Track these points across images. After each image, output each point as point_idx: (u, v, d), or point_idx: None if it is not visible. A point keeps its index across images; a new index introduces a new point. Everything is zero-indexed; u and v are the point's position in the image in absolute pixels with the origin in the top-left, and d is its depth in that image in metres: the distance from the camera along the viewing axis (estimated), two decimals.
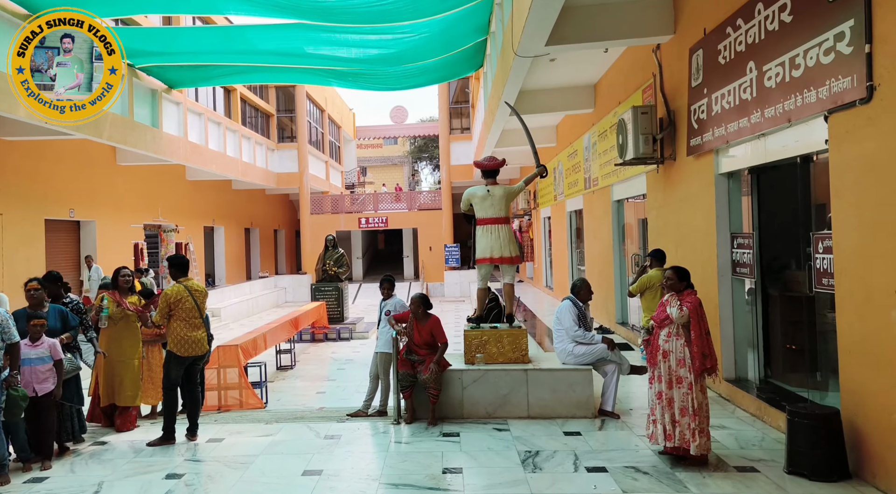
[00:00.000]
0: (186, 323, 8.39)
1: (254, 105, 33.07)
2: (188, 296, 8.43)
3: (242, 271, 34.26)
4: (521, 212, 29.80)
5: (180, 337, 8.35)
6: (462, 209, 9.72)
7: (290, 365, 16.38)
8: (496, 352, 9.02)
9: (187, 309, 8.39)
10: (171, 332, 8.39)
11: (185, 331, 8.38)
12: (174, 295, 8.34)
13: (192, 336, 8.41)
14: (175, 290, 8.39)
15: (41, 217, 18.02)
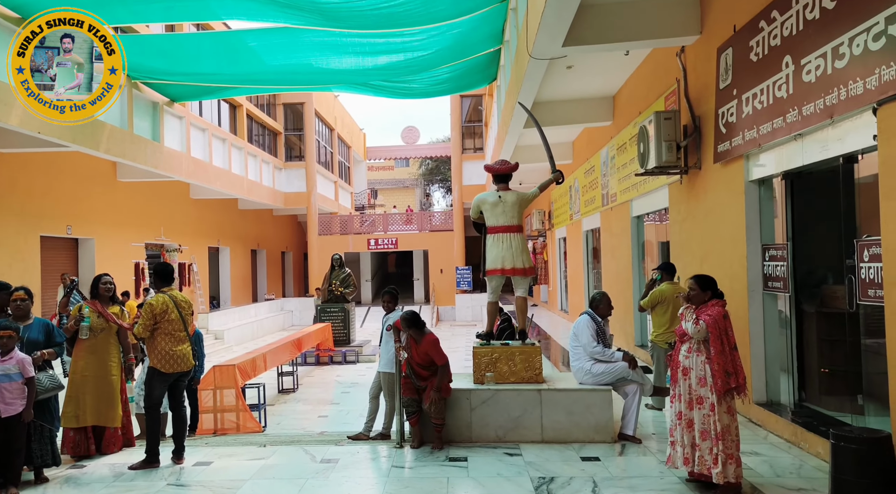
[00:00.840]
0: (171, 337, 7.91)
1: (260, 122, 32.77)
2: (174, 308, 7.96)
3: (248, 293, 33.84)
4: (535, 233, 29.27)
5: (164, 352, 7.86)
6: (472, 216, 9.23)
7: (293, 387, 15.88)
8: (507, 371, 8.49)
9: (172, 322, 7.92)
10: (154, 347, 7.89)
11: (170, 346, 7.89)
12: (160, 306, 7.85)
13: (176, 350, 7.92)
14: (160, 301, 7.91)
15: (36, 233, 17.63)
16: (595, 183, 17.77)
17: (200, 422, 11.81)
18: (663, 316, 9.71)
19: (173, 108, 21.06)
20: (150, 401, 7.92)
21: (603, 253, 17.76)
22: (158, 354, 7.85)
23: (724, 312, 6.39)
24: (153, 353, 7.87)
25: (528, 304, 9.18)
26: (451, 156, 36.52)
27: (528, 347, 8.59)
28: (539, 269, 28.17)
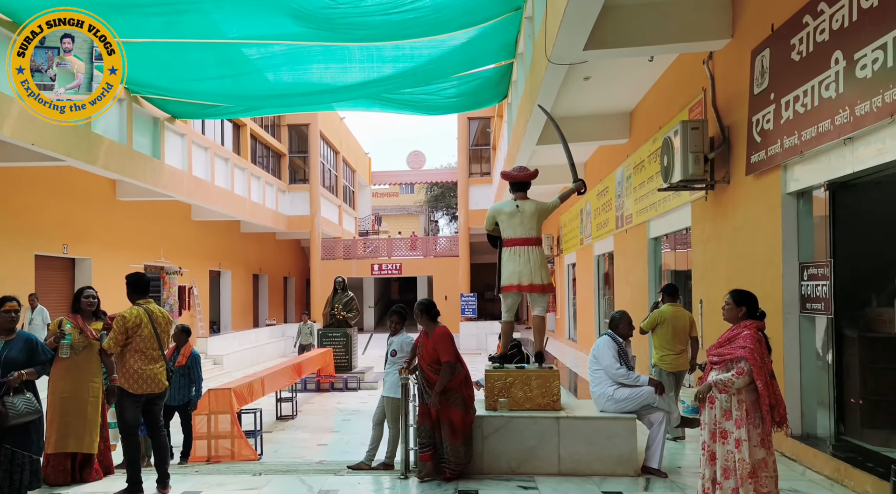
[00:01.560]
0: (142, 356, 7.25)
1: (265, 143, 32.28)
2: (148, 322, 7.32)
3: (249, 318, 33.21)
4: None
5: (133, 371, 7.19)
6: (486, 228, 8.60)
7: (292, 414, 15.22)
8: (522, 397, 7.83)
9: (145, 339, 7.26)
10: (123, 365, 7.23)
11: (140, 364, 7.22)
12: (133, 320, 7.19)
13: (147, 370, 7.26)
14: (134, 314, 7.25)
15: (31, 252, 17.05)
16: (608, 205, 17.18)
17: (193, 449, 11.19)
18: (664, 337, 9.53)
19: (174, 125, 20.52)
20: (124, 426, 7.25)
21: (616, 277, 17.11)
22: (127, 373, 7.19)
23: (759, 336, 5.78)
24: (122, 372, 7.23)
25: (545, 324, 8.53)
26: (458, 179, 35.95)
27: (546, 371, 7.93)
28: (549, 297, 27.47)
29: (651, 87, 13.29)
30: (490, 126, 34.39)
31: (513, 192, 8.43)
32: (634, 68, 11.91)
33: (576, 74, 11.94)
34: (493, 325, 32.64)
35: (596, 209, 18.66)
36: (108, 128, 16.86)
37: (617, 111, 15.01)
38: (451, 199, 59.75)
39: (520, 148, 16.36)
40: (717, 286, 9.99)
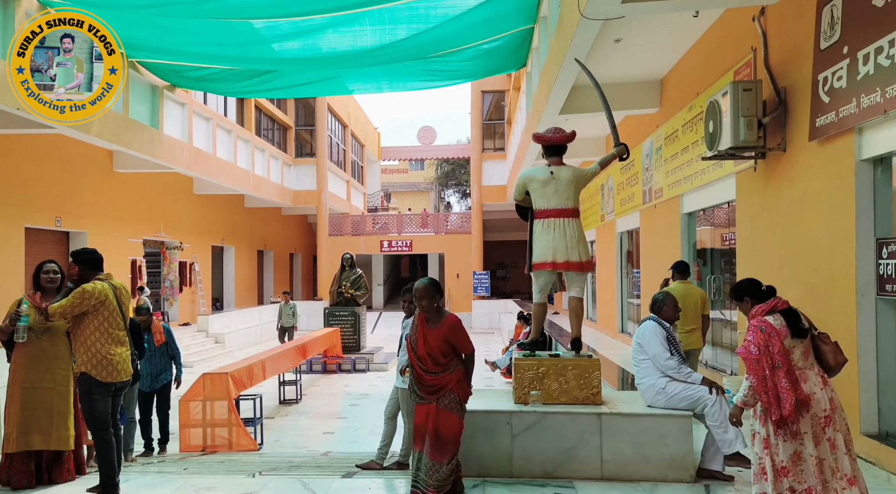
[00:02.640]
0: (107, 336, 6.34)
1: (270, 114, 31.29)
2: (113, 298, 6.44)
3: (254, 296, 32.37)
4: None
5: (102, 356, 6.28)
6: (515, 198, 7.63)
7: (296, 398, 14.36)
8: (558, 389, 6.87)
9: (111, 314, 6.38)
10: (83, 345, 6.29)
11: (107, 346, 6.32)
12: (97, 295, 6.28)
13: (115, 353, 6.37)
14: (99, 287, 6.33)
15: (20, 224, 16.14)
16: (634, 179, 16.18)
17: (187, 438, 10.37)
18: None
19: (175, 94, 19.56)
20: (95, 422, 6.32)
21: (643, 256, 16.11)
22: (93, 357, 6.27)
23: (763, 323, 5.04)
24: (84, 354, 6.28)
25: (583, 307, 7.54)
26: (471, 154, 34.90)
27: (584, 360, 6.95)
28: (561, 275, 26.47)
29: (688, 51, 12.24)
30: (505, 99, 33.32)
31: (546, 157, 7.44)
32: (670, 29, 10.92)
33: (606, 36, 10.93)
34: (506, 304, 31.80)
35: (620, 183, 17.66)
36: None
37: (647, 78, 13.99)
38: (462, 176, 58.78)
39: (541, 118, 15.33)
40: (767, 265, 9.02)
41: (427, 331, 6.15)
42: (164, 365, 9.86)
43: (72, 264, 6.51)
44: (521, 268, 25.75)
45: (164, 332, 9.96)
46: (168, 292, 23.44)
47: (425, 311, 6.20)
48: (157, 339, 9.80)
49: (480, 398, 7.31)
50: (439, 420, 5.98)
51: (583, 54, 10.86)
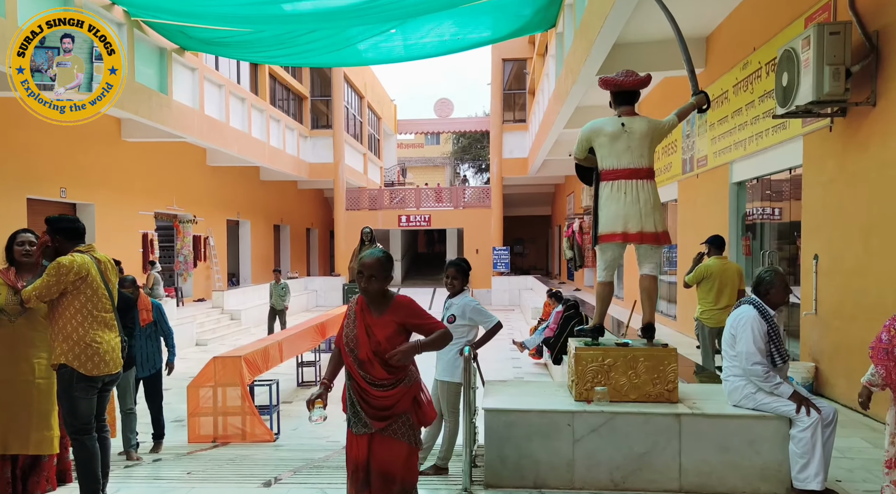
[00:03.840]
0: (90, 319, 5.27)
1: (285, 83, 30.04)
2: (96, 274, 5.35)
3: (270, 271, 31.26)
4: (581, 211, 26.36)
5: (83, 343, 5.20)
6: (575, 156, 6.41)
7: (315, 380, 13.31)
8: (627, 385, 5.73)
9: (94, 294, 5.30)
10: (61, 331, 5.21)
11: (90, 331, 5.25)
12: (76, 269, 5.20)
13: (102, 340, 5.29)
14: (78, 261, 5.25)
15: (22, 195, 15.07)
16: (672, 147, 14.98)
17: (196, 427, 9.37)
18: (710, 293, 9.25)
19: (184, 58, 18.38)
20: (76, 423, 5.23)
21: (680, 230, 14.89)
22: (75, 345, 5.19)
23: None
24: (63, 342, 5.20)
25: (657, 287, 6.33)
26: (491, 125, 33.60)
27: (658, 350, 5.80)
28: (586, 251, 25.29)
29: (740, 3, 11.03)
30: (527, 68, 31.98)
31: (615, 107, 6.24)
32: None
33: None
34: (526, 280, 30.73)
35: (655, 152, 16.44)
36: None
37: (690, 36, 12.72)
38: (479, 151, 57.56)
39: (576, 79, 14.11)
40: (844, 238, 7.90)
41: (371, 322, 4.38)
42: (152, 349, 8.57)
43: (44, 232, 5.42)
44: (540, 244, 24.70)
45: (154, 309, 8.65)
46: (182, 267, 22.44)
47: (370, 295, 4.40)
48: (144, 318, 8.44)
49: (531, 392, 6.21)
50: (381, 450, 4.36)
51: (631, 4, 9.74)
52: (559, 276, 34.15)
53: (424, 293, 32.01)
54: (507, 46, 31.43)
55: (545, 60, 23.58)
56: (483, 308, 6.50)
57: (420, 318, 4.42)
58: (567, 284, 28.58)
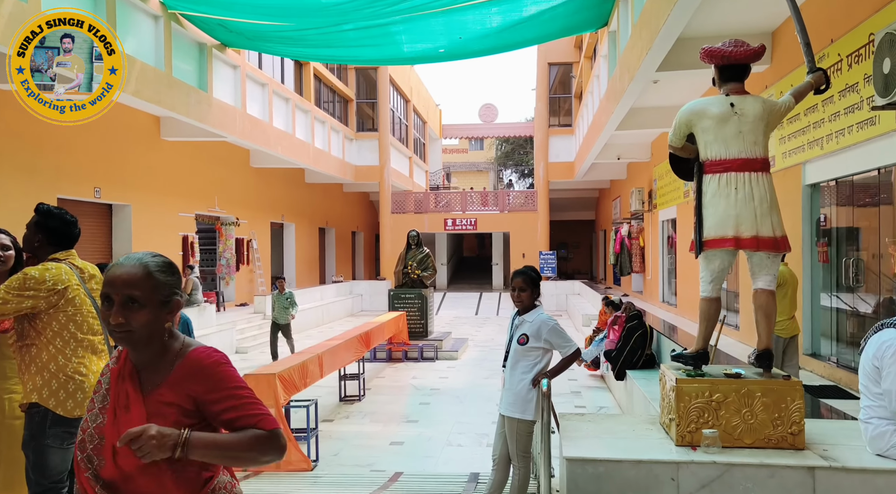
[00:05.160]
0: (73, 343, 4.16)
1: (330, 85, 29.01)
2: (79, 288, 4.23)
3: (315, 274, 30.36)
4: (628, 216, 25.00)
5: (63, 375, 4.11)
6: (671, 143, 5.16)
7: (358, 395, 12.19)
8: (741, 426, 4.49)
9: (76, 309, 4.20)
10: (34, 360, 4.12)
11: (72, 359, 4.15)
12: (52, 281, 4.10)
13: (88, 370, 4.19)
14: (53, 272, 4.14)
15: (53, 194, 14.09)
16: None
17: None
18: (783, 301, 8.20)
19: (225, 54, 17.39)
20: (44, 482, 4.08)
21: None
22: (52, 377, 4.10)
23: None
24: (36, 375, 4.11)
25: (775, 303, 5.02)
26: (536, 130, 32.32)
27: (779, 383, 4.53)
28: (633, 256, 23.97)
29: None
30: (573, 71, 30.70)
31: (722, 85, 5.02)
32: None
33: None
34: (573, 285, 29.46)
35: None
36: (141, 50, 13.76)
37: (754, 31, 11.47)
38: (522, 156, 56.53)
39: (633, 76, 12.86)
40: None
41: (133, 403, 2.31)
42: None
43: (31, 225, 4.35)
44: (583, 248, 22.90)
45: (181, 323, 7.56)
46: (224, 270, 21.46)
47: (135, 346, 2.38)
48: None
49: (618, 432, 5.00)
50: None
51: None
52: (605, 281, 32.82)
53: (470, 297, 30.91)
54: (553, 50, 30.32)
55: (594, 62, 22.33)
56: (562, 328, 5.31)
57: (224, 394, 2.32)
58: (614, 289, 27.25)
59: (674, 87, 14.43)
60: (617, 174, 26.57)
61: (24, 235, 4.40)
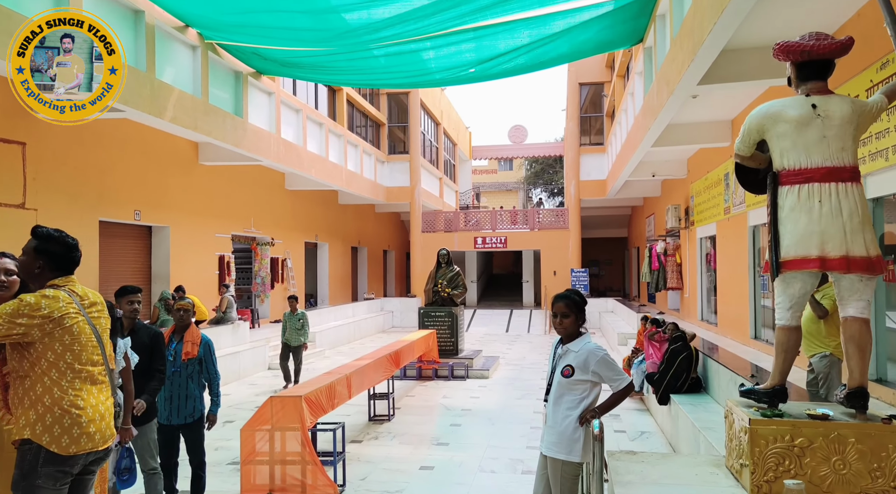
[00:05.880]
0: (70, 374, 3.58)
1: (363, 110, 28.47)
2: (79, 315, 3.63)
3: (348, 292, 29.73)
4: (663, 233, 24.01)
5: (58, 408, 3.52)
6: (738, 152, 4.30)
7: (388, 415, 11.40)
8: (831, 477, 3.63)
9: (74, 338, 3.61)
10: (27, 394, 3.52)
11: (73, 390, 3.57)
12: (48, 308, 3.53)
13: (87, 404, 3.62)
14: (50, 297, 3.57)
15: (94, 217, 13.64)
16: None
17: (250, 477, 7.51)
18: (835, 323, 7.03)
19: (260, 81, 16.85)
20: None
21: None
22: (46, 411, 3.51)
23: None
24: (30, 409, 3.51)
25: (870, 334, 4.12)
26: (567, 148, 31.53)
27: (877, 427, 3.68)
28: (669, 273, 22.97)
29: None
30: (604, 91, 29.88)
31: (800, 84, 4.16)
32: None
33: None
34: (607, 302, 28.49)
35: None
36: (179, 78, 13.35)
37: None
38: (551, 176, 55.83)
39: (673, 91, 11.99)
40: None
41: None
42: (193, 390, 6.68)
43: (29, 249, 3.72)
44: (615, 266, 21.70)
45: (202, 345, 6.80)
46: (259, 289, 20.91)
47: None
48: (188, 351, 6.66)
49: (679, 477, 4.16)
50: None
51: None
52: (638, 298, 31.79)
53: (500, 314, 30.03)
54: (584, 71, 29.62)
55: (628, 80, 21.52)
56: (612, 359, 4.50)
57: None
58: (648, 306, 26.25)
59: (713, 102, 13.62)
60: (651, 191, 25.63)
61: (21, 260, 3.83)
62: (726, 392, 9.03)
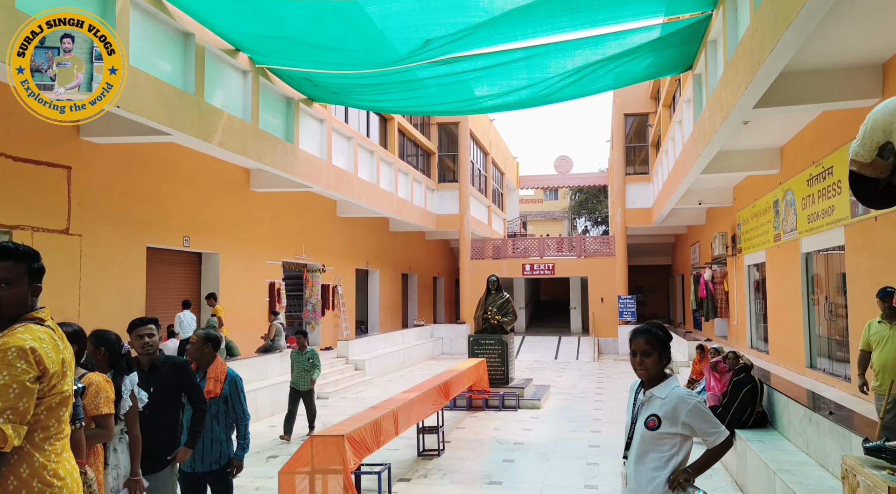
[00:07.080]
0: (54, 439, 2.85)
1: (414, 139, 27.96)
2: (69, 361, 2.96)
3: (398, 319, 29.05)
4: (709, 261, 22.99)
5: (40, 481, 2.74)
6: (858, 157, 3.50)
7: (437, 450, 10.61)
8: None
9: (63, 398, 2.89)
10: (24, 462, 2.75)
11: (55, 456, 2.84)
12: (41, 358, 2.76)
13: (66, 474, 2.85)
14: (44, 340, 2.82)
15: (141, 243, 13.15)
16: (835, 188, 11.79)
17: None
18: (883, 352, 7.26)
19: (312, 108, 16.35)
20: None
21: (849, 284, 11.62)
22: (22, 486, 2.72)
23: None
24: (17, 481, 2.72)
25: None
26: (613, 177, 30.72)
27: None
28: (718, 301, 21.94)
29: None
30: (649, 121, 29.02)
31: None
32: None
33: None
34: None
35: (806, 197, 13.24)
36: (229, 102, 12.83)
37: (863, 62, 9.72)
38: (596, 205, 54.95)
39: (726, 115, 11.19)
40: None
41: None
42: (219, 433, 5.62)
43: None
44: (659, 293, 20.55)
45: (227, 381, 5.74)
46: (310, 315, 20.31)
47: None
48: (210, 389, 5.64)
49: None
50: None
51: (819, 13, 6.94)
52: (683, 325, 30.66)
53: (549, 341, 29.10)
54: (629, 102, 28.93)
55: (674, 110, 20.69)
56: (707, 408, 3.67)
57: None
58: (695, 333, 25.16)
59: (763, 129, 12.85)
60: (696, 219, 24.68)
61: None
62: (798, 429, 8.13)
